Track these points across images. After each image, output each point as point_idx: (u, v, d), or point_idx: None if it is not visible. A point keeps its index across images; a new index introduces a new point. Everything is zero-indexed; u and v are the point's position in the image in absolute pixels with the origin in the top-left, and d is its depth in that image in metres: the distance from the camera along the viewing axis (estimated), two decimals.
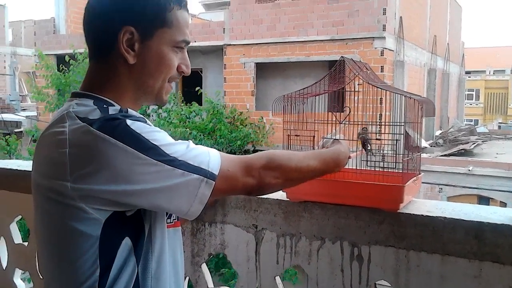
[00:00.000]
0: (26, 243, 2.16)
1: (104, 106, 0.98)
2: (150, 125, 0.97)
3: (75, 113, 0.95)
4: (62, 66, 11.41)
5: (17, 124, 16.05)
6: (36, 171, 1.01)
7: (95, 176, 0.90)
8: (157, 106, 10.23)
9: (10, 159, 10.73)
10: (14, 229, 2.22)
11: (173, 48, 1.04)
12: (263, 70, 13.03)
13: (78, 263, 0.94)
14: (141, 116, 1.02)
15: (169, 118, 11.15)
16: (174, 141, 0.97)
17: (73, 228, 0.92)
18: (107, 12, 1.00)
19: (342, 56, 1.42)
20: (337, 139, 1.37)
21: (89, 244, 0.93)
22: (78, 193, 0.90)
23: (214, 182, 0.96)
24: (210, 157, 0.97)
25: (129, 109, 1.01)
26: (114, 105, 1.00)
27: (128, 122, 0.93)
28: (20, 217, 2.21)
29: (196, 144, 1.00)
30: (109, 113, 0.96)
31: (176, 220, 1.12)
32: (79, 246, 0.93)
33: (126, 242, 0.97)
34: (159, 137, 0.94)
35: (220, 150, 1.06)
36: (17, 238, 2.21)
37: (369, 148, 1.44)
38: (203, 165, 0.95)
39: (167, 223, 1.07)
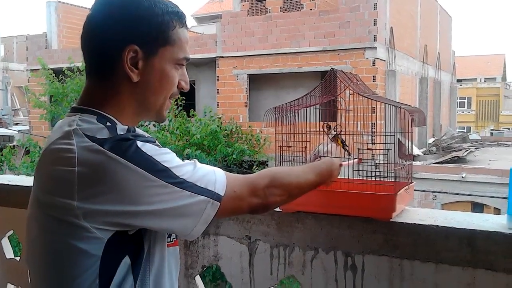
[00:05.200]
0: (18, 258, 2.13)
1: (108, 124, 0.97)
2: (159, 145, 0.97)
3: (82, 130, 0.94)
4: (61, 76, 11.42)
5: (9, 138, 15.97)
6: (39, 187, 0.98)
7: (104, 197, 0.89)
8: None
9: (2, 169, 10.75)
10: (6, 244, 2.19)
11: (174, 65, 1.05)
12: (256, 81, 13.09)
13: (77, 282, 0.93)
14: (150, 136, 1.01)
15: (169, 127, 11.14)
16: (182, 162, 0.97)
17: (75, 246, 0.91)
18: (111, 30, 0.99)
19: (332, 68, 1.43)
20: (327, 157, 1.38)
21: (90, 263, 0.92)
22: (84, 212, 0.89)
23: (219, 204, 0.97)
24: (216, 178, 0.98)
25: (136, 129, 1.01)
26: (117, 123, 0.99)
27: (139, 143, 0.92)
28: (11, 232, 2.19)
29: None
30: (118, 133, 0.95)
31: (175, 239, 1.11)
32: (79, 265, 0.92)
33: (126, 261, 0.96)
34: (169, 158, 0.94)
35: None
36: (9, 253, 2.19)
37: (345, 145, 1.44)
38: (209, 186, 0.96)
39: (167, 242, 1.07)
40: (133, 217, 0.91)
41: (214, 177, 0.98)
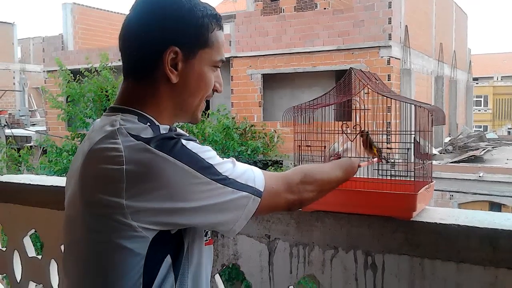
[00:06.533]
0: (40, 256, 2.17)
1: (148, 124, 0.98)
2: (200, 144, 0.99)
3: (126, 129, 0.95)
4: (78, 77, 11.50)
5: (27, 139, 16.20)
6: (83, 187, 0.98)
7: (153, 194, 0.90)
8: None
9: (20, 169, 10.91)
10: (28, 242, 2.23)
11: (211, 67, 1.07)
12: (270, 81, 13.08)
13: (122, 281, 0.94)
14: (191, 135, 1.03)
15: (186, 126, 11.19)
16: (222, 159, 0.99)
17: (121, 245, 0.92)
18: (153, 32, 1.00)
19: (351, 67, 1.43)
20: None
21: (135, 261, 0.93)
22: (132, 211, 0.90)
23: (260, 199, 0.99)
24: (255, 174, 1.01)
25: (177, 128, 1.03)
26: (156, 123, 1.00)
27: (183, 141, 0.94)
28: (33, 231, 2.22)
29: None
30: (161, 132, 0.96)
31: (210, 238, 1.13)
32: (125, 264, 0.93)
33: (167, 260, 0.98)
34: (212, 155, 0.97)
35: None
36: (31, 251, 2.23)
37: (381, 154, 1.44)
38: (250, 183, 0.99)
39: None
40: (180, 215, 0.93)
41: (252, 174, 1.00)
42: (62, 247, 1.74)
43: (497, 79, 41.54)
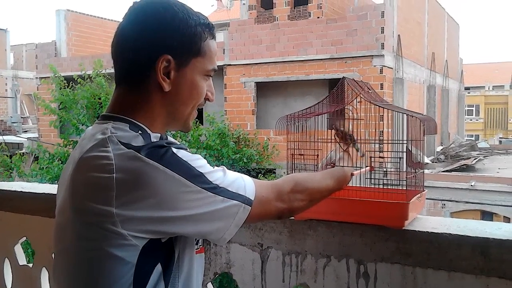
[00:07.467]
0: (30, 265, 2.15)
1: (140, 132, 0.98)
2: (191, 152, 0.99)
3: (117, 137, 0.95)
4: (72, 83, 11.44)
5: (19, 145, 16.08)
6: (73, 194, 0.97)
7: (142, 202, 0.90)
8: None
9: (12, 176, 10.83)
10: (19, 250, 2.21)
11: (203, 76, 1.07)
12: (264, 89, 13.12)
13: None
14: (182, 143, 1.03)
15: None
16: (213, 168, 0.99)
17: (111, 254, 0.92)
18: (146, 40, 1.00)
19: (344, 77, 1.45)
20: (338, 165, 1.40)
21: (125, 270, 0.93)
22: (122, 219, 0.90)
23: (250, 208, 0.99)
24: (245, 183, 1.01)
25: (168, 137, 1.03)
26: (147, 131, 1.00)
27: (174, 150, 0.94)
28: (24, 238, 2.21)
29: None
30: (152, 140, 0.96)
31: (201, 246, 1.12)
32: (115, 272, 0.93)
33: (158, 268, 0.97)
34: (202, 164, 0.96)
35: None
36: (22, 259, 2.20)
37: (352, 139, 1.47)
38: (240, 191, 0.98)
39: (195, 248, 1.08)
40: (170, 223, 0.92)
41: (243, 182, 1.00)
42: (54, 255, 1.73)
43: (489, 88, 41.93)
